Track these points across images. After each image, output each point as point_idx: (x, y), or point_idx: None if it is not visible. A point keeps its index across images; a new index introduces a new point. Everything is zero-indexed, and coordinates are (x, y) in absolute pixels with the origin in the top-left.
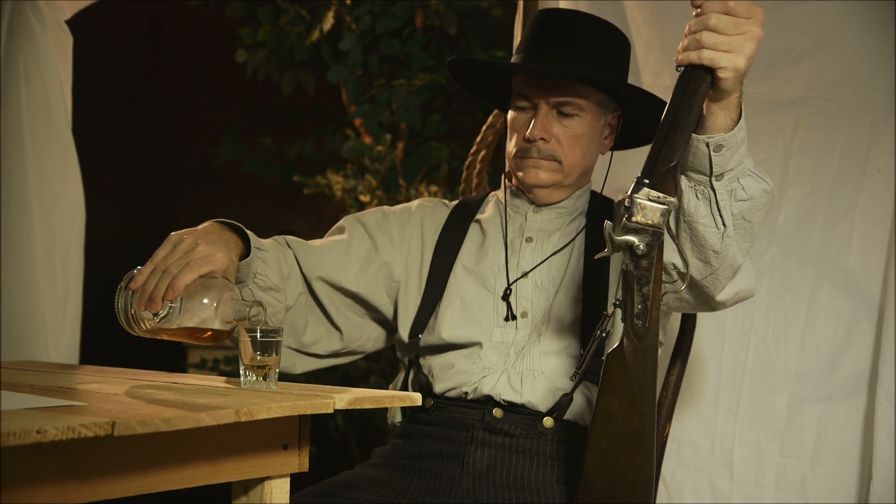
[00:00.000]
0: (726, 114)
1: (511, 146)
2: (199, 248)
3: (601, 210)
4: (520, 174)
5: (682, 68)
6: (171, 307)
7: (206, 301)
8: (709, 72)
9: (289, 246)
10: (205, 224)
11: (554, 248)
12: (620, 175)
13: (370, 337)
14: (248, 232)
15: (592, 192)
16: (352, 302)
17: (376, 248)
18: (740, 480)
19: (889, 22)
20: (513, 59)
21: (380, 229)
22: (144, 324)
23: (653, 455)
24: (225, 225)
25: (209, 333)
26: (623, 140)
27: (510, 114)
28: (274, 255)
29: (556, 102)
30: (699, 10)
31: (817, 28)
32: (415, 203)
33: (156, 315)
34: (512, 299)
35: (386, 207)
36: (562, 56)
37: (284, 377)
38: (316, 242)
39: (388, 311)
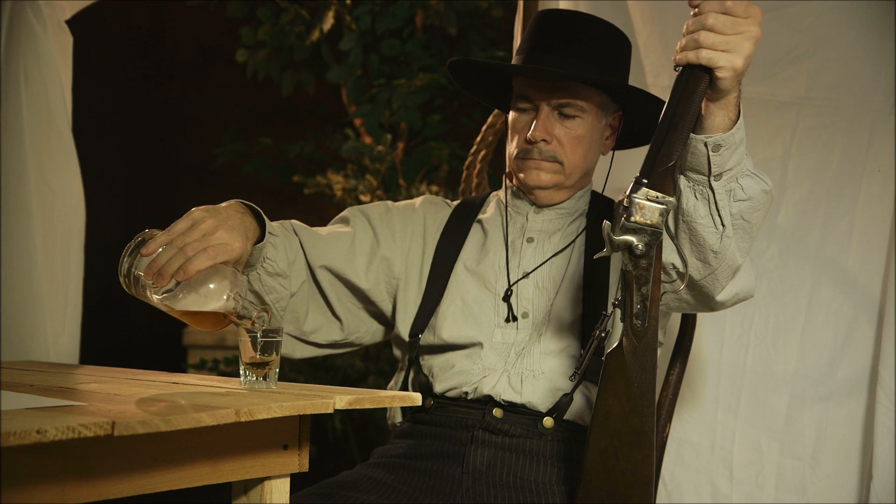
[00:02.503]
0: (725, 113)
1: (512, 147)
2: (218, 233)
3: (602, 210)
4: (521, 175)
5: (681, 68)
6: (176, 286)
7: (212, 287)
8: (707, 71)
9: (295, 232)
10: (227, 204)
11: (555, 249)
12: (621, 175)
13: (368, 330)
14: (265, 218)
15: (593, 193)
16: (352, 294)
17: (378, 242)
18: (740, 481)
19: (889, 22)
20: (514, 61)
21: (382, 223)
22: (148, 292)
23: (652, 455)
24: (246, 208)
25: (211, 320)
26: (624, 140)
27: (511, 115)
28: (282, 240)
29: (557, 104)
30: (697, 9)
31: (817, 28)
32: (419, 200)
33: (157, 287)
34: (513, 300)
35: (389, 202)
36: (563, 57)
37: (283, 375)
38: (322, 230)
39: (386, 308)
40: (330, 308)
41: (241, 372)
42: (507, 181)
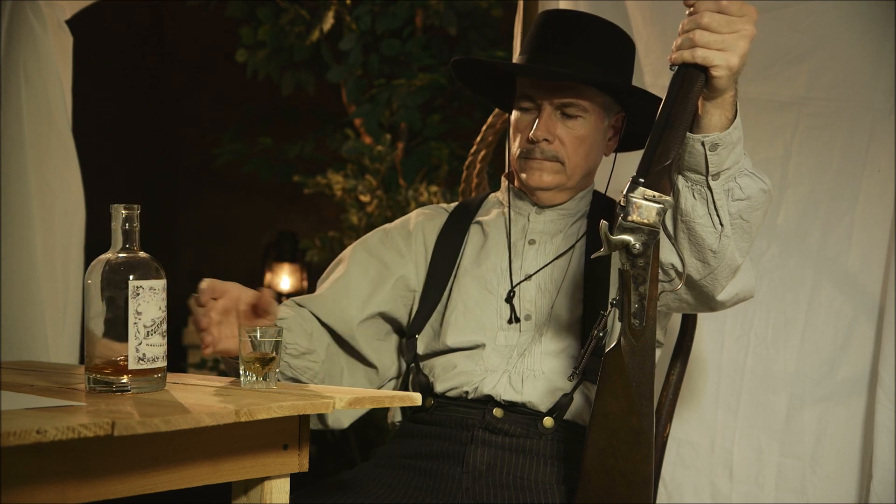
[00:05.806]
0: (721, 112)
1: (514, 147)
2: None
3: (603, 211)
4: (523, 176)
5: (676, 67)
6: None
7: None
8: (703, 70)
9: (301, 305)
10: None
11: (557, 251)
12: (624, 177)
13: (397, 358)
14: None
15: (595, 193)
16: (375, 327)
17: (387, 266)
18: (740, 480)
19: (889, 22)
20: (517, 60)
21: (385, 247)
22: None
23: (651, 454)
24: None
25: None
26: (627, 141)
27: (514, 115)
28: (294, 319)
29: (559, 104)
30: (692, 8)
31: (817, 28)
32: (412, 215)
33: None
34: (515, 302)
35: (387, 225)
36: (566, 57)
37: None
38: (323, 288)
39: (404, 321)
40: (361, 358)
41: (241, 372)
42: (508, 182)
